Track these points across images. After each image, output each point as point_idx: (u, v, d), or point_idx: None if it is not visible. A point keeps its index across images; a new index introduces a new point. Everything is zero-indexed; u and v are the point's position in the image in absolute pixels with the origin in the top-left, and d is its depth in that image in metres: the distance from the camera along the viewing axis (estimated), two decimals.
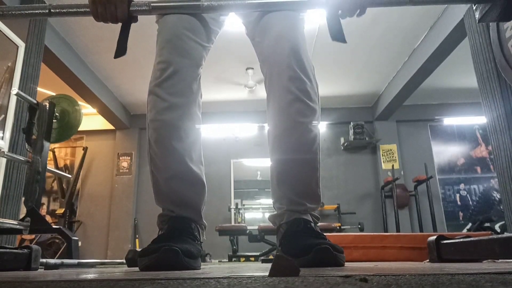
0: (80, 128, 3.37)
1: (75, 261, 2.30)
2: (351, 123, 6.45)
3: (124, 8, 1.07)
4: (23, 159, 2.55)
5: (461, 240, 1.17)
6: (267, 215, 6.81)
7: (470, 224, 6.07)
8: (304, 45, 1.16)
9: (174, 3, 1.14)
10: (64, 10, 1.10)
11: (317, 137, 1.13)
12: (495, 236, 1.00)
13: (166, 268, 0.88)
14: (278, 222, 1.15)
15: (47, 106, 2.60)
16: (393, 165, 6.07)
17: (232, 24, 1.38)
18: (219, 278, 0.50)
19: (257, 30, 1.21)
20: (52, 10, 1.09)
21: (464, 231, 6.00)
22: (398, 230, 5.63)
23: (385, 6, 1.08)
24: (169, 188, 1.12)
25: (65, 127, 3.12)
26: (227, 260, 5.07)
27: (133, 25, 1.15)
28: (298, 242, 1.02)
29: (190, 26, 1.18)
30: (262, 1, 1.11)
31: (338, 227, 5.44)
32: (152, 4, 1.09)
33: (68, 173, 6.10)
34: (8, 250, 1.26)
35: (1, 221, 2.19)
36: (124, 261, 2.64)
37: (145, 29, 4.51)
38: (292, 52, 1.10)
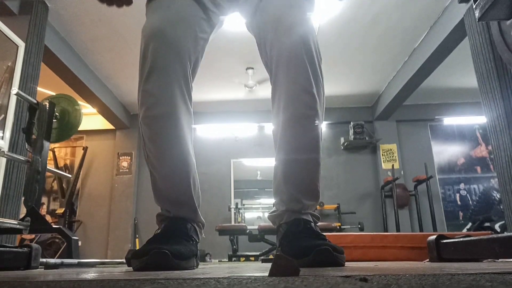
0: (80, 128, 3.38)
1: (75, 261, 2.30)
2: (351, 123, 6.45)
3: None
4: (23, 159, 2.55)
5: (461, 239, 1.17)
6: (267, 215, 6.81)
7: (470, 224, 6.07)
8: (314, 37, 1.13)
9: None
10: None
11: (321, 131, 1.13)
12: (495, 236, 1.00)
13: (156, 270, 0.89)
14: (278, 222, 1.15)
15: (47, 106, 2.60)
16: (393, 165, 6.07)
17: (232, 24, 1.37)
18: (219, 278, 0.50)
19: (261, 25, 1.19)
20: None
21: (464, 230, 6.00)
22: (398, 230, 5.63)
23: None
24: (166, 185, 1.12)
25: (65, 127, 3.13)
26: (227, 260, 5.08)
27: (133, 24, 1.13)
28: (298, 243, 1.01)
29: (179, 16, 1.14)
30: None
31: (338, 227, 5.44)
32: None
33: (68, 173, 6.09)
34: (8, 248, 1.26)
35: (1, 220, 2.19)
36: (124, 261, 2.64)
37: None
38: (303, 44, 1.09)
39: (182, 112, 1.11)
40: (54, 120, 2.77)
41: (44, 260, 1.81)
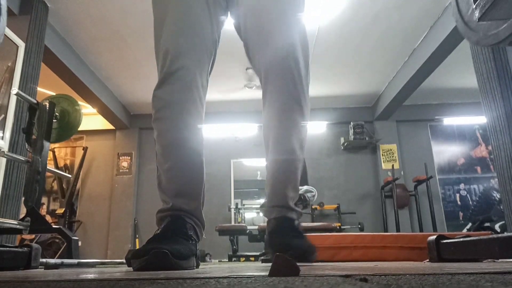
0: (80, 128, 3.37)
1: (75, 261, 2.30)
2: (351, 123, 6.45)
3: None
4: (23, 159, 2.55)
5: (461, 239, 1.17)
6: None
7: (470, 224, 6.07)
8: (301, 48, 1.18)
9: None
10: None
11: (306, 135, 1.24)
12: (495, 236, 1.00)
13: (156, 270, 0.91)
14: (268, 215, 1.26)
15: (47, 106, 2.59)
16: (393, 165, 6.07)
17: (232, 25, 1.38)
18: (219, 278, 0.50)
19: (248, 32, 1.25)
20: None
21: (464, 231, 6.00)
22: (398, 230, 5.63)
23: None
24: (168, 178, 1.16)
25: (65, 127, 3.12)
26: (227, 260, 5.07)
27: (133, 26, 1.18)
28: (279, 240, 1.16)
29: (192, 26, 1.19)
30: None
31: (338, 227, 5.44)
32: None
33: (68, 173, 6.09)
34: (8, 248, 1.26)
35: (1, 221, 2.19)
36: (124, 261, 2.64)
37: (145, 30, 4.52)
38: (291, 57, 1.15)
39: (189, 115, 1.18)
40: (54, 120, 2.76)
41: (44, 260, 1.81)
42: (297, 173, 1.24)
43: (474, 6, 1.03)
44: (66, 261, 2.19)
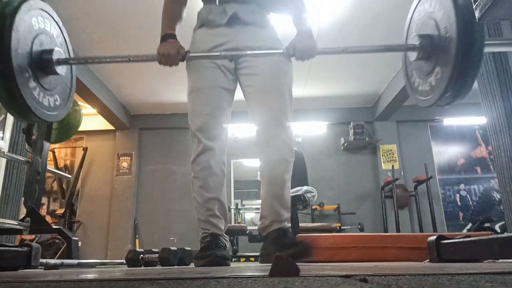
0: (80, 129, 3.38)
1: (75, 261, 2.30)
2: (351, 123, 6.44)
3: (177, 60, 1.59)
4: (23, 159, 2.55)
5: (461, 240, 1.17)
6: None
7: (470, 225, 6.07)
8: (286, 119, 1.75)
9: (204, 53, 1.73)
10: (140, 58, 1.70)
11: (290, 180, 1.74)
12: (495, 236, 1.00)
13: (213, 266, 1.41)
14: (266, 231, 1.62)
15: None
16: (393, 165, 6.06)
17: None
18: (219, 278, 0.50)
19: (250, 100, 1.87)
20: (131, 58, 1.56)
21: (464, 231, 6.00)
22: (398, 230, 5.63)
23: (325, 54, 1.77)
24: (206, 218, 1.70)
25: (65, 127, 3.13)
26: None
27: (133, 27, 1.38)
28: (267, 250, 1.51)
29: (217, 109, 1.82)
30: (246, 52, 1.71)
31: (338, 227, 5.44)
32: (190, 55, 1.62)
33: (68, 173, 6.10)
34: (8, 248, 1.26)
35: (1, 221, 2.19)
36: (124, 261, 2.64)
37: (145, 31, 4.53)
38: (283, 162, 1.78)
39: (214, 175, 1.74)
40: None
41: (44, 260, 1.81)
42: (286, 199, 1.67)
43: (474, 7, 1.03)
44: (66, 261, 2.19)
